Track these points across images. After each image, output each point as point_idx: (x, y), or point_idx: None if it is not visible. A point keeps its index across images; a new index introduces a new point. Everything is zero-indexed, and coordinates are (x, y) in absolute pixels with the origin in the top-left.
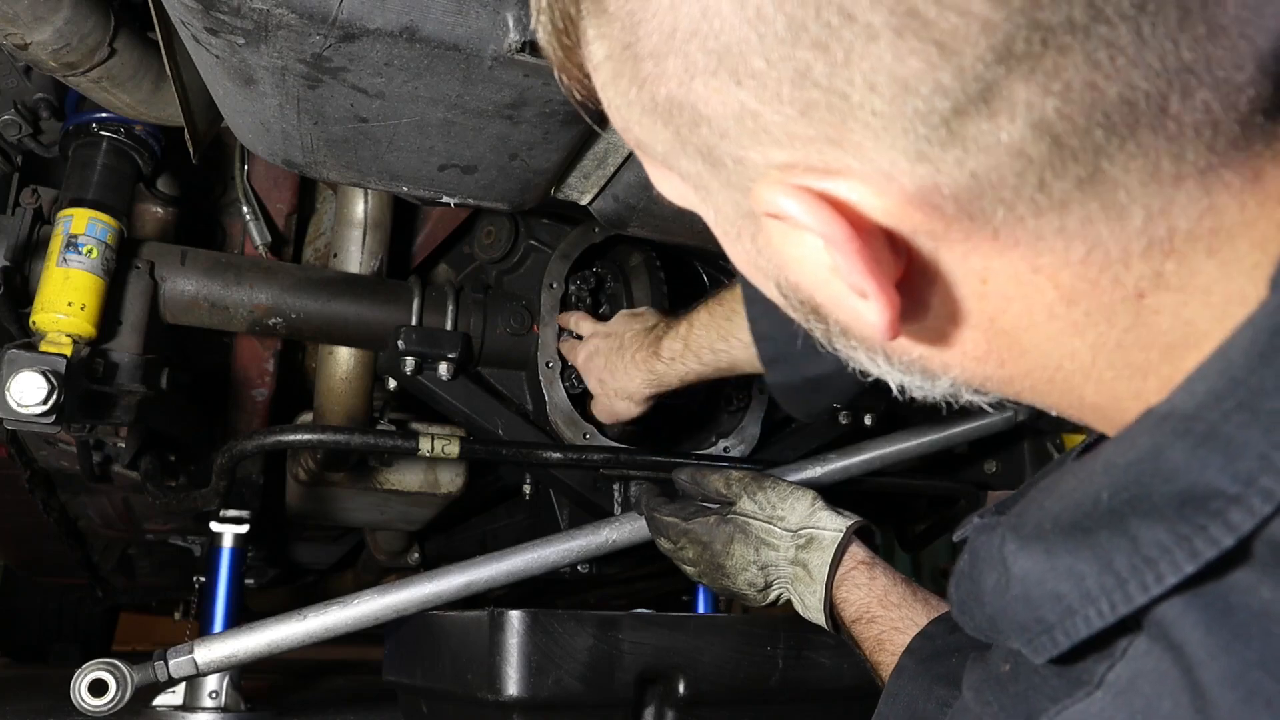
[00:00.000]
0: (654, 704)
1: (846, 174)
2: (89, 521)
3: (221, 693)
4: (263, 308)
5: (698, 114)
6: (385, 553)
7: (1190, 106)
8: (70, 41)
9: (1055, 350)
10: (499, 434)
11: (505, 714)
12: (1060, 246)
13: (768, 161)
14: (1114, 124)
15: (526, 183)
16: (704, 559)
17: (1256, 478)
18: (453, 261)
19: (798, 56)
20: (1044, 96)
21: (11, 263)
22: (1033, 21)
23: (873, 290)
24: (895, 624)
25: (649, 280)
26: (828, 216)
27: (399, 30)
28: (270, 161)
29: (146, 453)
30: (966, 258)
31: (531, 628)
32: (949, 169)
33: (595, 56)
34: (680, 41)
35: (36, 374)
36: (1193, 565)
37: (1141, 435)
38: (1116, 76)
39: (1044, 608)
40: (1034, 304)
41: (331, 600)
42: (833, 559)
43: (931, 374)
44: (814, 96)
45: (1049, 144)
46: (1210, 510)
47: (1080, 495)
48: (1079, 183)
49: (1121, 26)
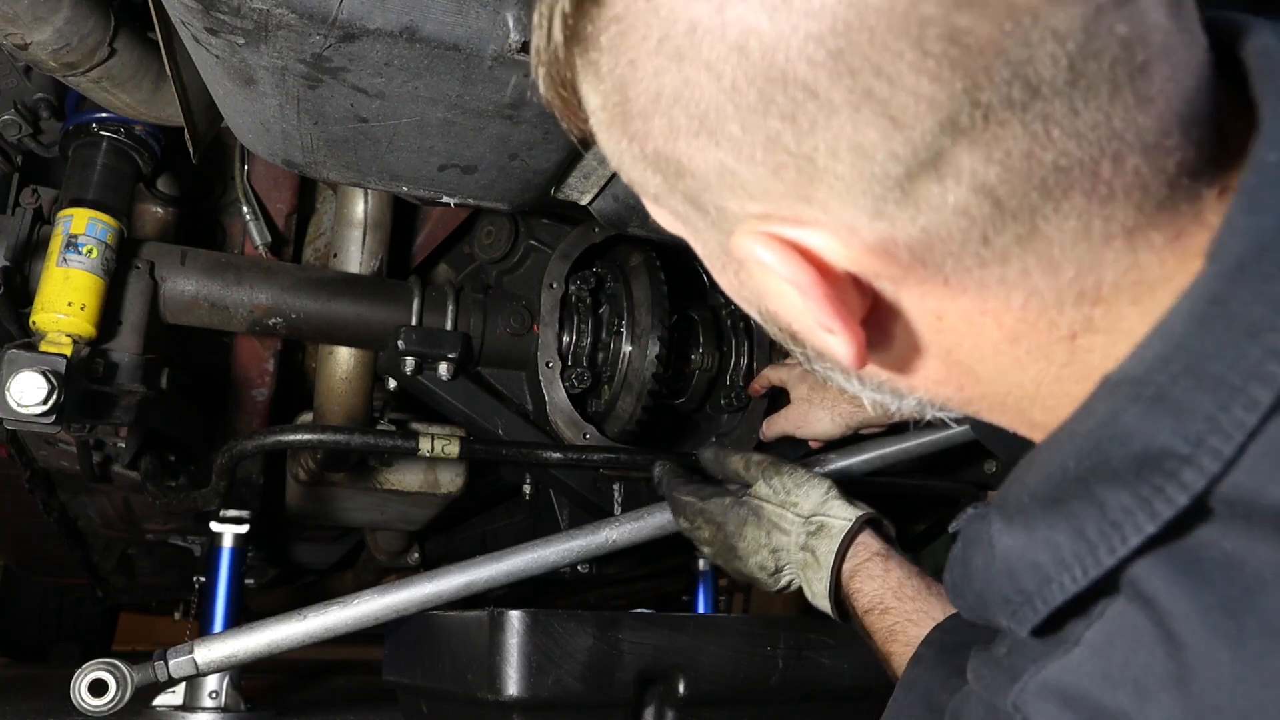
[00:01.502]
0: (654, 704)
1: (814, 225)
2: (89, 521)
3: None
4: (263, 308)
5: (682, 167)
6: (385, 553)
7: (1121, 172)
8: (70, 41)
9: (1004, 379)
10: (499, 434)
11: (505, 714)
12: (1002, 294)
13: (745, 211)
14: (1050, 189)
15: (526, 183)
16: (718, 540)
17: (1205, 438)
18: (453, 261)
19: (768, 125)
20: (986, 164)
21: (11, 263)
22: (974, 100)
23: (838, 328)
24: (909, 616)
25: (649, 280)
26: (797, 265)
27: (399, 30)
28: (270, 161)
29: (146, 453)
30: (923, 299)
31: (531, 628)
32: (903, 225)
33: (590, 106)
34: (665, 105)
35: (36, 374)
36: (1153, 525)
37: (1098, 402)
38: (1052, 146)
39: (1024, 578)
40: (983, 341)
41: (331, 600)
42: (839, 547)
43: (899, 393)
44: (784, 159)
45: (990, 205)
46: (1165, 471)
47: (1051, 466)
48: (1018, 239)
49: (1056, 102)
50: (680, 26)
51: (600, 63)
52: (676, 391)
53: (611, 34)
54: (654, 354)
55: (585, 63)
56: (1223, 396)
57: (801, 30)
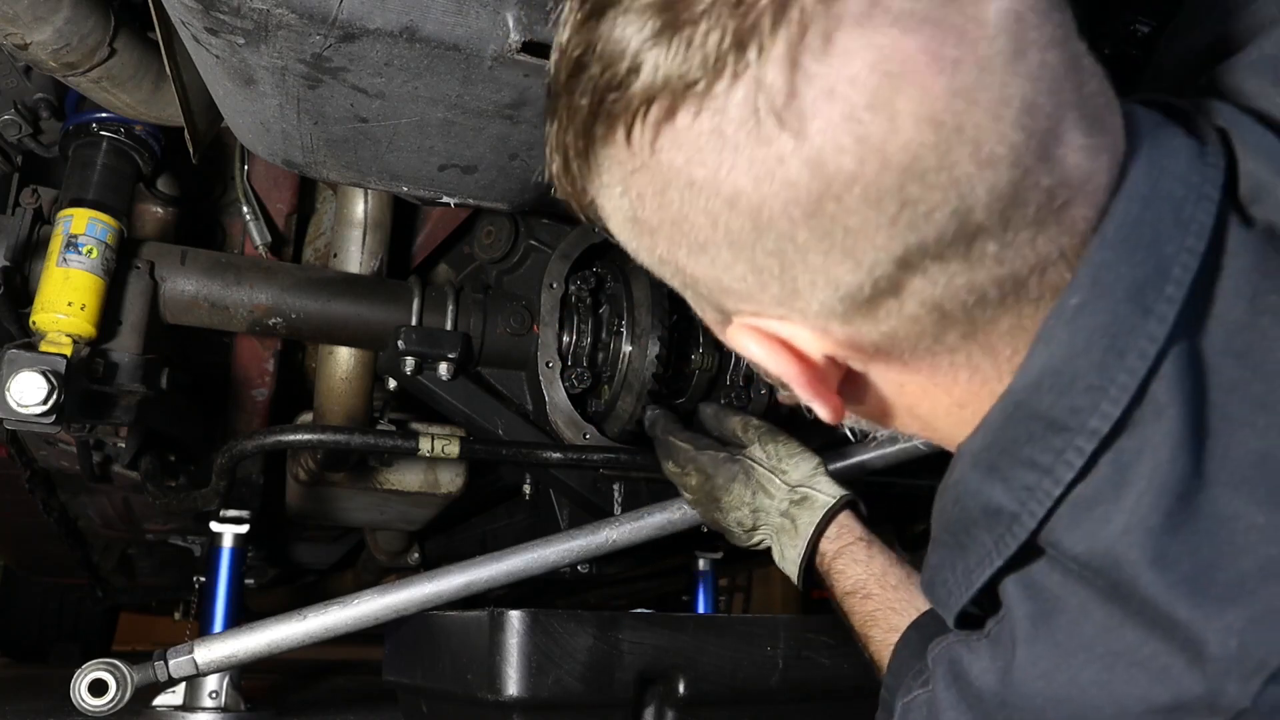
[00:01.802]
0: (654, 704)
1: (795, 323)
2: (89, 521)
3: (221, 693)
4: (263, 308)
5: (684, 271)
6: (385, 553)
7: (1045, 281)
8: (70, 41)
9: (955, 431)
10: (499, 434)
11: (505, 714)
12: (951, 372)
13: (736, 309)
14: (986, 300)
15: (526, 183)
16: (703, 489)
17: (1026, 502)
18: (453, 261)
19: (756, 258)
20: (933, 288)
21: (11, 263)
22: (922, 245)
23: (817, 403)
24: (891, 604)
25: (649, 280)
26: (781, 360)
27: (399, 30)
28: (270, 161)
29: (146, 453)
30: (886, 373)
31: (531, 628)
32: (867, 330)
33: (601, 205)
34: (668, 229)
35: (36, 374)
36: (1000, 560)
37: (955, 465)
38: (986, 272)
39: (940, 590)
40: (937, 404)
41: (331, 600)
42: (821, 520)
43: (876, 428)
44: (768, 280)
45: (938, 316)
46: (1004, 522)
47: (945, 505)
48: (962, 336)
49: (989, 241)
50: (681, 181)
51: (612, 185)
52: (676, 391)
53: (620, 171)
54: (654, 354)
55: (597, 183)
56: (1036, 474)
57: (782, 196)
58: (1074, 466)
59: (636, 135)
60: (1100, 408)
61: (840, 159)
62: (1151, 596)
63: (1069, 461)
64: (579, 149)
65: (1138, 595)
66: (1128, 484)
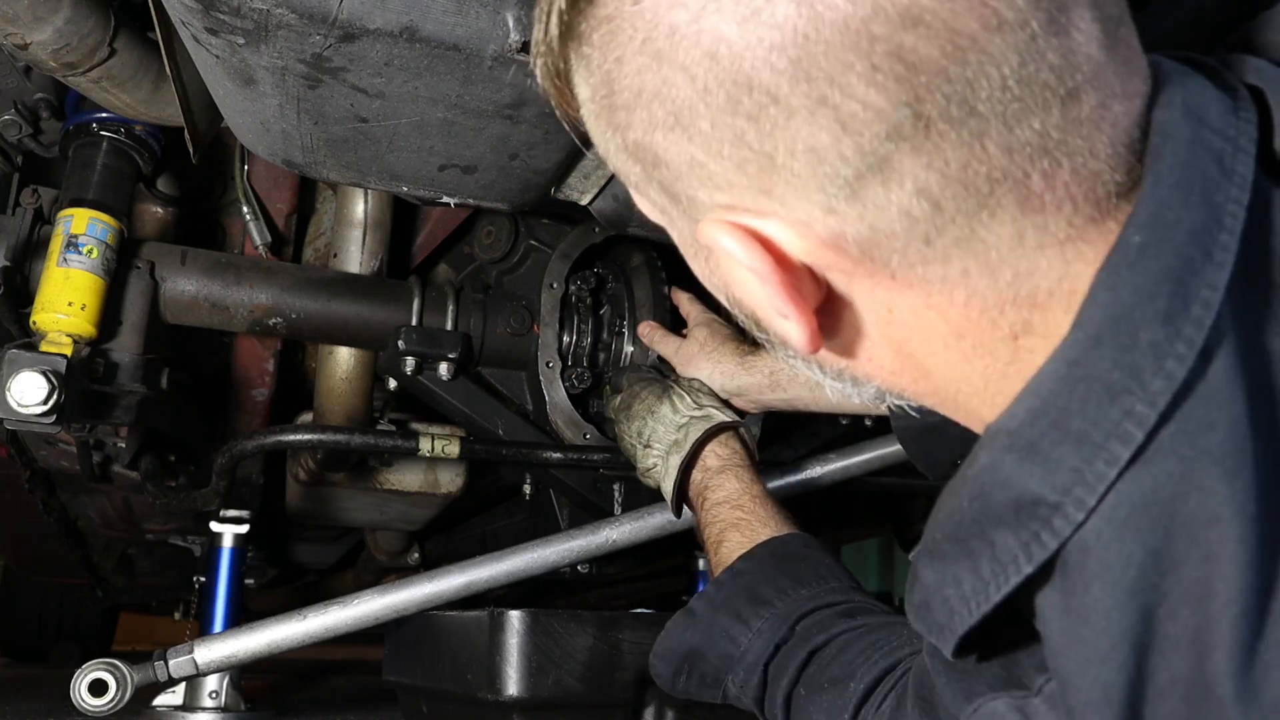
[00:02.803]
0: (654, 704)
1: (773, 217)
2: (89, 521)
3: (221, 693)
4: (263, 308)
5: (658, 158)
6: (385, 553)
7: (1052, 186)
8: (70, 41)
9: (954, 375)
10: (499, 434)
11: (505, 714)
12: (946, 291)
13: (712, 201)
14: (984, 196)
15: (526, 183)
16: (624, 401)
17: (1071, 488)
18: (453, 261)
19: (735, 124)
20: (927, 171)
21: (12, 263)
22: (916, 113)
23: (792, 314)
24: (761, 520)
25: (650, 280)
26: (755, 253)
27: (399, 30)
28: (270, 161)
29: (146, 453)
30: (873, 291)
31: (531, 628)
32: (852, 222)
33: (582, 97)
34: (645, 100)
35: (37, 374)
36: (1031, 567)
37: (981, 450)
38: (986, 159)
39: (939, 610)
40: (930, 334)
41: (331, 600)
42: (711, 428)
43: (857, 381)
44: (747, 155)
45: (931, 208)
46: (1040, 517)
47: (952, 507)
48: (957, 241)
49: (990, 119)
50: (661, 30)
51: (591, 57)
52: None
53: (602, 32)
54: (655, 354)
55: (578, 56)
56: (1087, 451)
57: (766, 40)
58: (1133, 440)
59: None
60: (1165, 366)
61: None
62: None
63: (1127, 433)
64: (561, 12)
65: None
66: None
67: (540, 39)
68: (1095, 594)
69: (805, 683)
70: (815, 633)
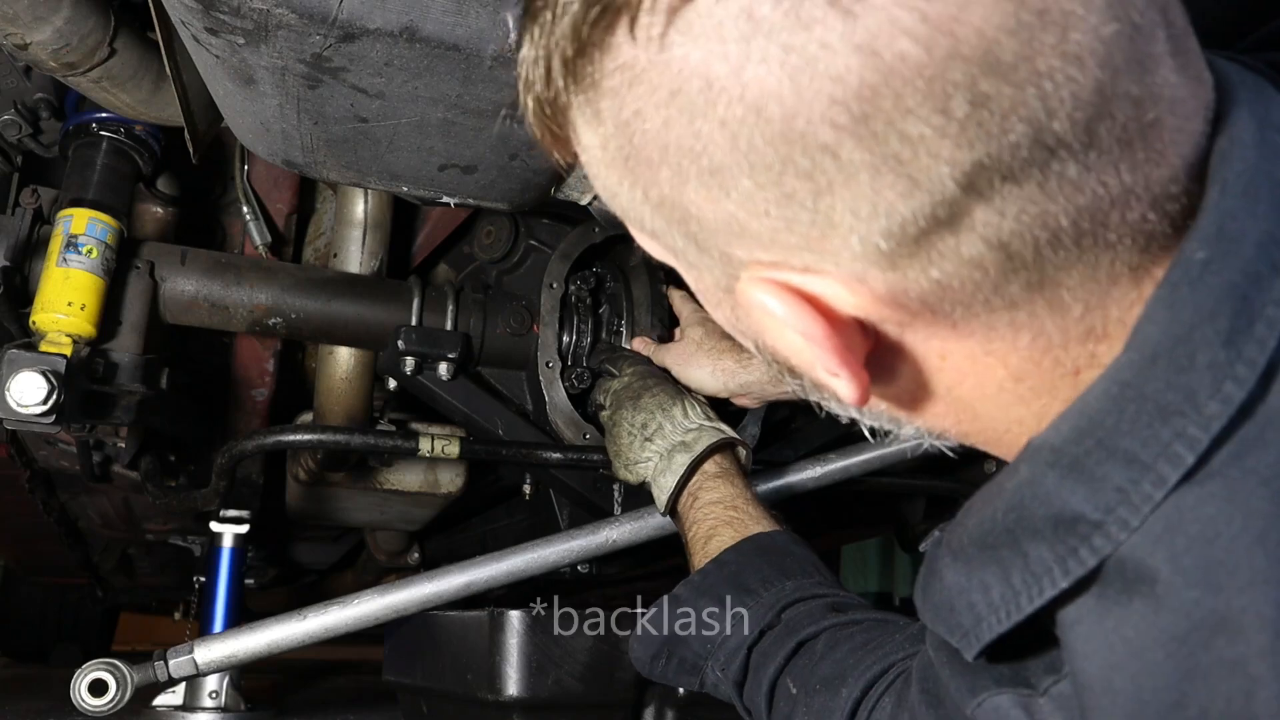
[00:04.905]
0: (654, 704)
1: (823, 274)
2: (89, 521)
3: (221, 693)
4: (263, 308)
5: (688, 213)
6: (385, 553)
7: (1128, 220)
8: (70, 41)
9: (1005, 416)
10: (499, 434)
11: (505, 714)
12: (1010, 335)
13: (752, 257)
14: (1061, 240)
15: (526, 183)
16: (632, 386)
17: (1115, 508)
18: (453, 261)
19: (785, 184)
20: (1001, 219)
21: (11, 263)
22: (993, 159)
23: (844, 374)
24: (755, 520)
25: (649, 280)
26: (806, 316)
27: (399, 30)
28: (270, 161)
29: (146, 453)
30: (928, 340)
31: (531, 628)
32: (915, 276)
33: (586, 143)
34: (673, 155)
35: (36, 374)
36: (1066, 581)
37: (1022, 464)
38: (1065, 202)
39: (963, 615)
40: (986, 380)
41: (331, 600)
42: (721, 440)
43: (898, 423)
44: (798, 214)
45: (1003, 258)
46: (1079, 534)
47: (984, 514)
48: (1028, 285)
49: (1070, 161)
50: (695, 83)
51: (601, 106)
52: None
53: (616, 81)
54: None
55: (583, 102)
56: (1134, 472)
57: (825, 94)
58: (1183, 463)
59: (643, 26)
60: (1223, 389)
61: (900, 44)
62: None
63: (1176, 455)
64: (565, 58)
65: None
66: None
67: (535, 79)
68: (1137, 609)
69: (794, 677)
70: (805, 623)
